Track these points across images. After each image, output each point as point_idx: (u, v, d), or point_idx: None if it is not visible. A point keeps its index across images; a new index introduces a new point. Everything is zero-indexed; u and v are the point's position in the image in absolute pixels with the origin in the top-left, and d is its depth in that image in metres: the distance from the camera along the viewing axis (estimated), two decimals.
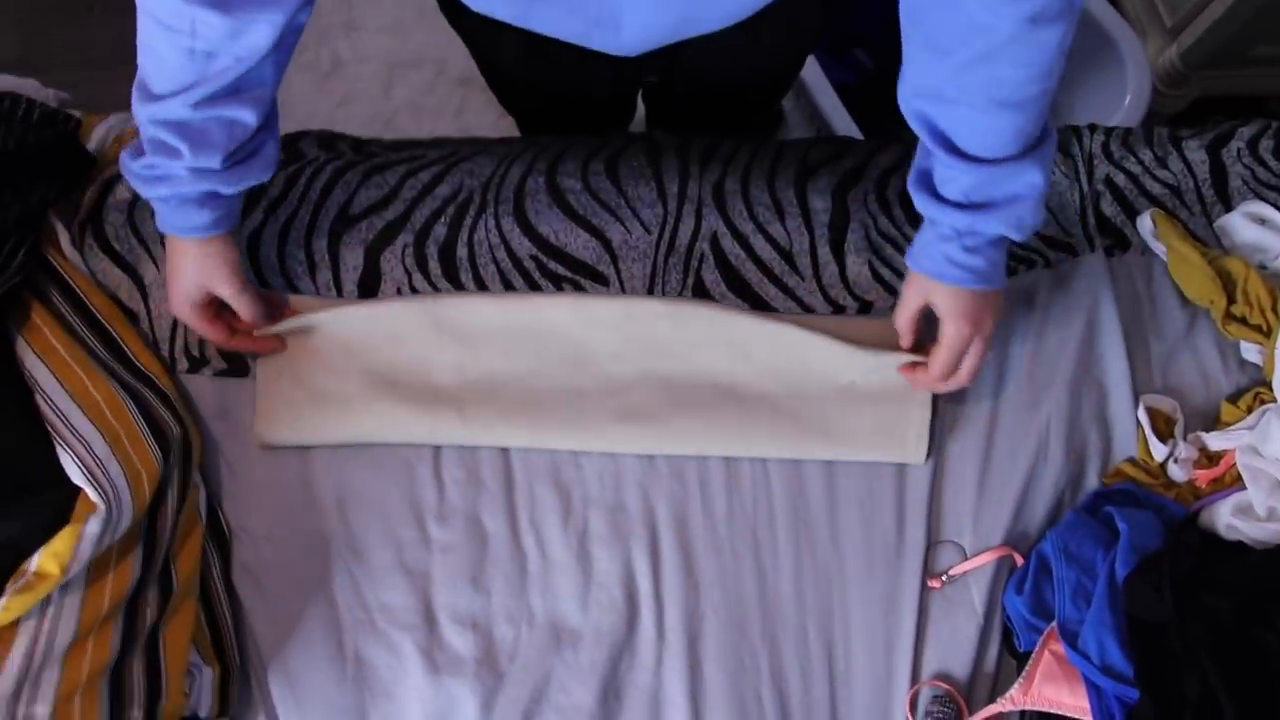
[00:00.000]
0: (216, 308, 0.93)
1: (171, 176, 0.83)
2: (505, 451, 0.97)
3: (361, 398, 0.96)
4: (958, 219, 0.82)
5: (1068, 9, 0.70)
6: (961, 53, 0.73)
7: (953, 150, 0.79)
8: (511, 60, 1.10)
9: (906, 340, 0.94)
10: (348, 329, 0.98)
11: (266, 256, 1.02)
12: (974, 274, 0.85)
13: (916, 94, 0.79)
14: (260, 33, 0.76)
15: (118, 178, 1.03)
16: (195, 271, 0.90)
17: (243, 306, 0.93)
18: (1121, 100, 1.61)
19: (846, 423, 0.96)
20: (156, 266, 1.01)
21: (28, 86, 1.04)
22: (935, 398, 0.96)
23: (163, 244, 0.96)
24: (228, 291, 0.91)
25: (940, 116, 0.79)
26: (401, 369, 0.97)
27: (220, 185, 0.84)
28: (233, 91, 0.79)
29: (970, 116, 0.77)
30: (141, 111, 0.81)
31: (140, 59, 0.79)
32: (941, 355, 0.90)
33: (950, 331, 0.88)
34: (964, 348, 0.89)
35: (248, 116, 0.81)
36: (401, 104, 1.91)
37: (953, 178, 0.81)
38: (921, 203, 0.85)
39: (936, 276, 0.87)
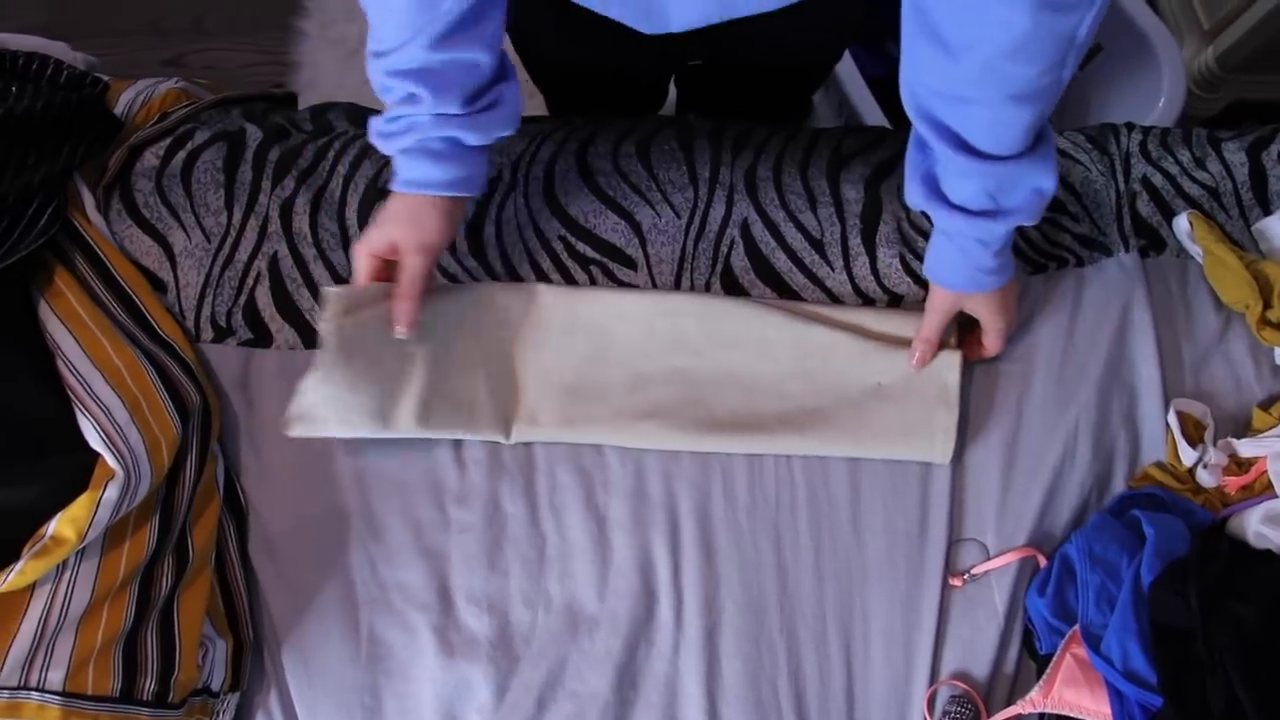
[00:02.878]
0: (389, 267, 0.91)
1: (415, 125, 0.82)
2: None
3: (394, 394, 0.92)
4: (980, 228, 0.81)
5: None
6: (979, 50, 0.69)
7: (963, 148, 0.76)
8: (550, 37, 1.08)
9: (932, 351, 0.94)
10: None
11: (299, 228, 1.01)
12: (1004, 272, 0.87)
13: (926, 92, 0.76)
14: None
15: (145, 143, 1.02)
16: (405, 222, 0.87)
17: (417, 275, 0.89)
18: (1156, 102, 1.59)
19: (873, 423, 0.94)
20: (186, 235, 1.00)
21: (56, 48, 1.03)
22: (963, 398, 0.95)
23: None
24: (416, 257, 0.88)
25: (951, 115, 0.75)
26: (430, 362, 0.94)
27: (463, 133, 0.83)
28: (466, 26, 0.77)
29: (984, 114, 0.74)
30: (378, 69, 0.80)
31: (369, 19, 0.79)
32: (994, 342, 0.94)
33: (994, 325, 0.92)
34: (1009, 330, 0.94)
35: (483, 58, 0.80)
36: None
37: (962, 181, 0.79)
38: (937, 213, 0.82)
39: (973, 289, 0.88)
